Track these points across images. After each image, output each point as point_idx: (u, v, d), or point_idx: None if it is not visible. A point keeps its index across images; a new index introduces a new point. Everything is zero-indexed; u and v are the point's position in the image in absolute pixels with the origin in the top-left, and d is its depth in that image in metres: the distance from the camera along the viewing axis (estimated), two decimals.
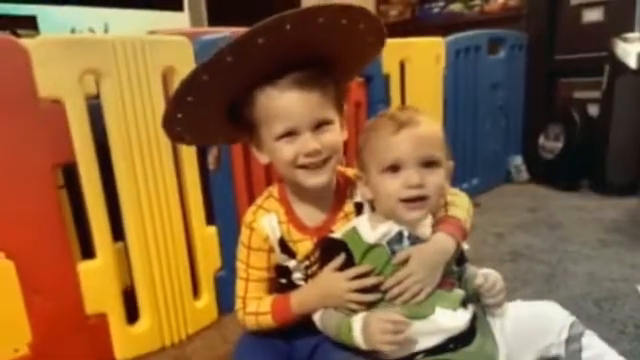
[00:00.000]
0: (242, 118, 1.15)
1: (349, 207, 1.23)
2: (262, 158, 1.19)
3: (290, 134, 1.09)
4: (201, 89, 1.05)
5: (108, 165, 1.46)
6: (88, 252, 1.50)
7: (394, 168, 1.07)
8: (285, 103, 1.07)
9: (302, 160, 1.10)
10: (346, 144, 1.19)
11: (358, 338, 1.04)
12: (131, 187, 1.49)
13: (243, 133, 1.19)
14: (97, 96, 1.43)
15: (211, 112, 1.14)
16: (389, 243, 1.10)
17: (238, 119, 1.16)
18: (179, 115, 1.10)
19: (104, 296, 1.48)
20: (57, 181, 1.43)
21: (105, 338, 1.51)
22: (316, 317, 1.15)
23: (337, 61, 1.14)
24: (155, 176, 1.53)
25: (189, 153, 1.62)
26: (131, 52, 1.43)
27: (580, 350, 1.11)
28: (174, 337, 1.64)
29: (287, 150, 1.10)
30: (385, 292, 1.09)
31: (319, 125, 1.10)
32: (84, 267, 1.45)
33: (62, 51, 1.32)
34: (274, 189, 1.25)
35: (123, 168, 1.47)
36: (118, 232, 1.52)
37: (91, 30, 2.40)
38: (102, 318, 1.49)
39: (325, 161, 1.12)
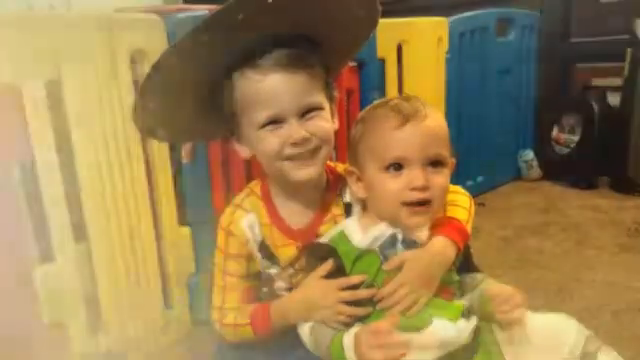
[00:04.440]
0: (221, 107, 1.14)
1: (338, 208, 1.23)
2: (243, 151, 1.19)
3: (274, 122, 1.09)
4: (175, 73, 1.05)
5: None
6: (46, 254, 1.48)
7: (396, 166, 1.07)
8: (267, 87, 1.07)
9: (288, 151, 1.09)
10: (336, 136, 1.18)
11: (351, 358, 1.02)
12: (95, 182, 1.48)
13: (222, 126, 1.19)
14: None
15: (187, 101, 1.14)
16: (381, 248, 1.10)
17: (216, 109, 1.15)
18: (151, 105, 1.10)
19: (63, 304, 1.47)
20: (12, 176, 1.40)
21: (64, 351, 1.49)
22: (305, 336, 1.13)
23: (326, 41, 1.14)
24: (122, 169, 1.52)
25: (160, 144, 1.62)
26: (96, 32, 1.42)
27: None
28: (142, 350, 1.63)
29: (271, 140, 1.09)
30: (376, 302, 1.09)
31: (307, 111, 1.10)
32: (42, 271, 1.43)
33: (18, 30, 1.31)
34: (256, 185, 1.25)
35: (86, 160, 1.46)
36: (80, 232, 1.50)
37: (51, 7, 2.38)
38: (61, 329, 1.48)
39: (314, 151, 1.12)
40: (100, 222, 1.51)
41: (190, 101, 1.14)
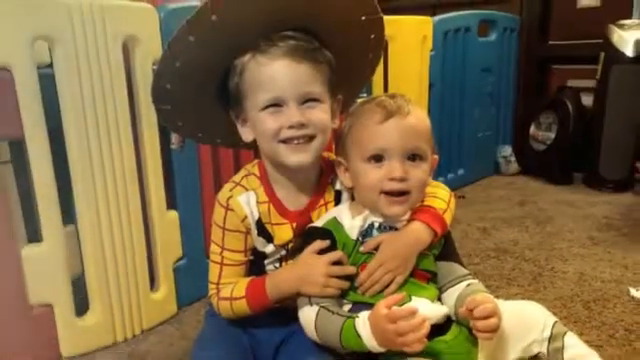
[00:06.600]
0: (230, 92, 1.18)
1: (329, 195, 1.26)
2: (246, 134, 1.22)
3: (275, 105, 1.12)
4: (189, 52, 1.08)
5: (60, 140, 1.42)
6: (34, 235, 1.47)
7: (377, 158, 1.11)
8: (273, 71, 1.11)
9: (285, 133, 1.12)
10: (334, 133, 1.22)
11: (371, 342, 1.02)
12: (84, 165, 1.45)
13: (230, 111, 1.22)
14: (50, 65, 1.40)
15: (200, 85, 1.18)
16: (360, 233, 1.15)
17: (227, 96, 1.19)
18: (168, 86, 1.14)
19: (50, 284, 1.45)
20: (2, 156, 1.40)
21: (50, 331, 1.46)
22: (307, 320, 1.13)
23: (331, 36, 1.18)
24: (111, 153, 1.50)
25: (150, 130, 1.59)
26: (89, 17, 1.39)
27: (562, 348, 1.14)
28: (127, 332, 1.61)
29: (270, 122, 1.12)
30: (352, 280, 1.14)
31: (306, 100, 1.13)
32: (29, 251, 1.41)
33: (11, 13, 1.28)
34: (253, 167, 1.27)
35: (76, 143, 1.43)
36: (69, 214, 1.48)
37: None
38: (47, 309, 1.45)
39: (309, 139, 1.14)
40: (89, 204, 1.48)
41: (203, 84, 1.18)
